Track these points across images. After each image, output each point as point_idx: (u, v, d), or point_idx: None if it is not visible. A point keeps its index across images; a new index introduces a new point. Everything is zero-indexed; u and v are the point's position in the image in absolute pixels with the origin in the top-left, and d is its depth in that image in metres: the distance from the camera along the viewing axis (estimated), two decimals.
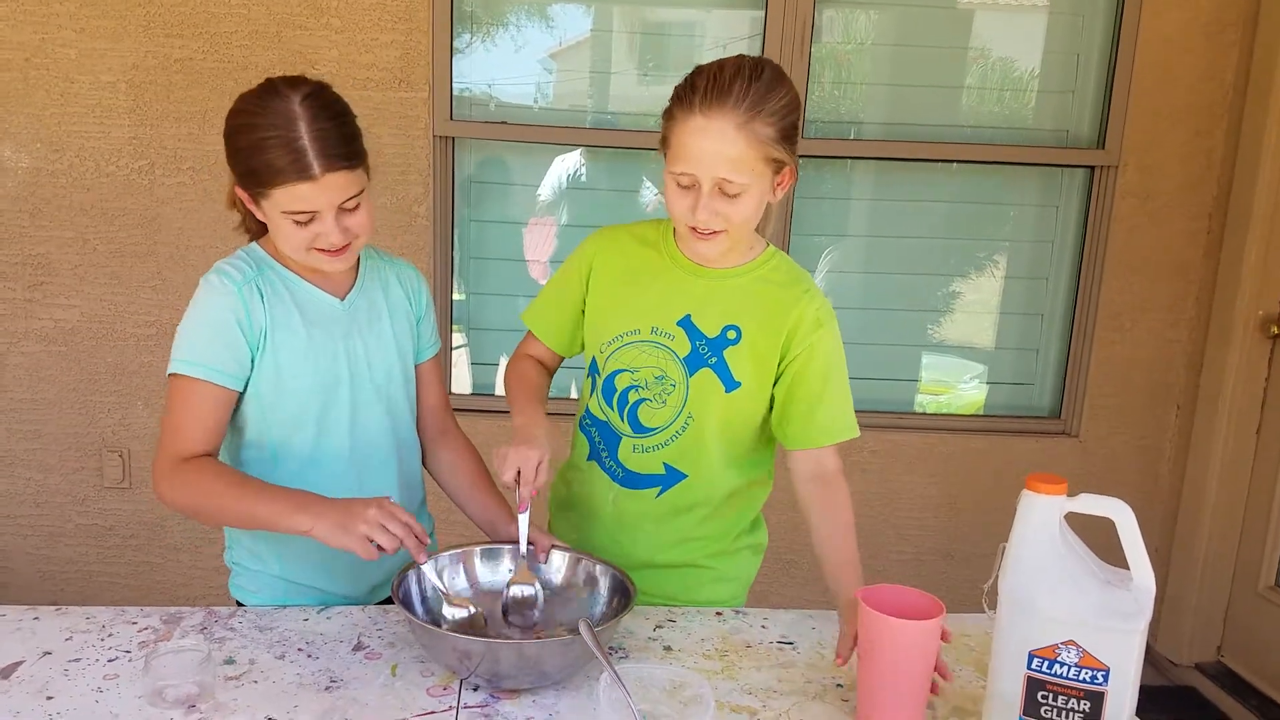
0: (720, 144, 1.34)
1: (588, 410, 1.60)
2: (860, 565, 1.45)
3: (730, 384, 1.48)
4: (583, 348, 1.63)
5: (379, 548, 1.28)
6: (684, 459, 1.53)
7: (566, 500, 1.67)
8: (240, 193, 1.39)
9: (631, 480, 1.55)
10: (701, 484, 1.54)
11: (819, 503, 1.48)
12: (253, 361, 1.41)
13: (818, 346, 1.48)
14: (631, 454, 1.54)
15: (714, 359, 1.48)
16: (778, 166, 1.40)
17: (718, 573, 1.61)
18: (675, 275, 1.52)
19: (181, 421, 1.39)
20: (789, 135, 1.39)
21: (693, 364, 1.49)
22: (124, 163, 2.87)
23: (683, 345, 1.49)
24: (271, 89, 1.36)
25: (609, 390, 1.55)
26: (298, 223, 1.36)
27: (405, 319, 1.58)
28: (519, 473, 1.38)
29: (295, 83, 1.36)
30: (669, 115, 1.41)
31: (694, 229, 1.42)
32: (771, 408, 1.53)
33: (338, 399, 1.48)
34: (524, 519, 1.42)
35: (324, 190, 1.34)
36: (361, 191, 1.39)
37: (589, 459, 1.60)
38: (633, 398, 1.52)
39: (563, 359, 1.68)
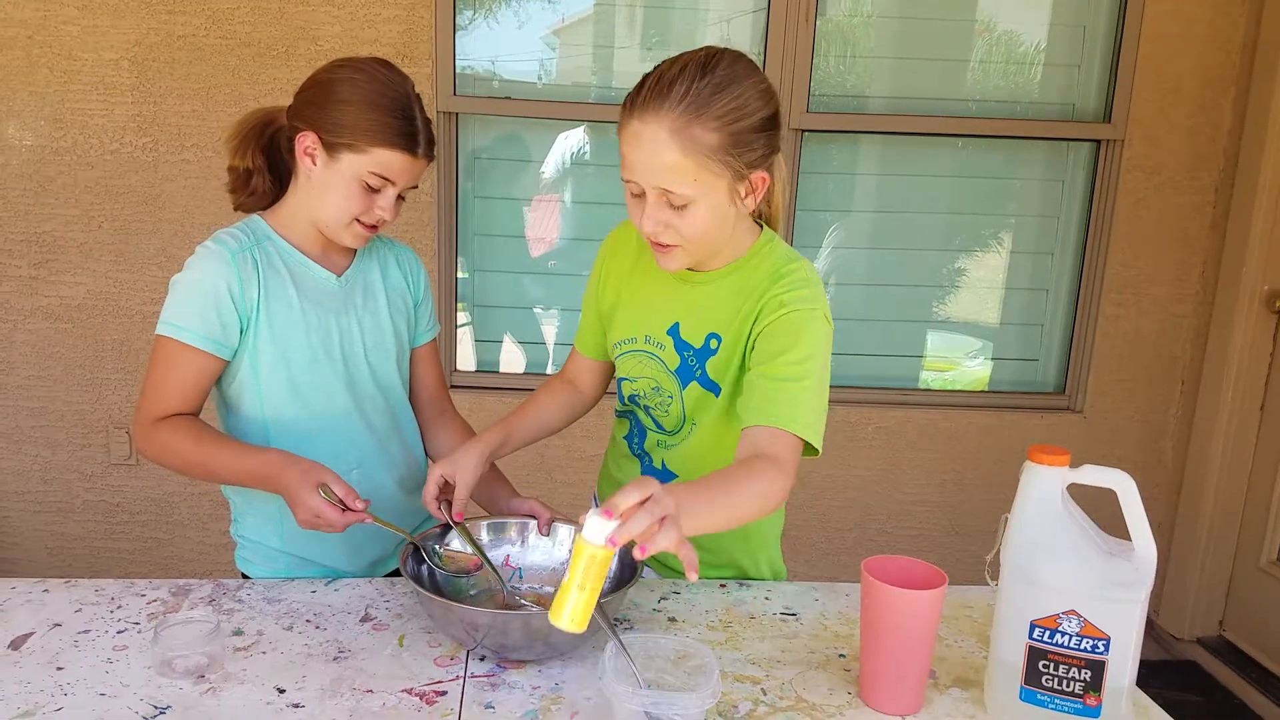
0: (653, 152, 1.22)
1: (620, 397, 1.59)
2: (706, 500, 1.14)
3: (717, 393, 1.43)
4: None
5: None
6: (696, 461, 1.49)
7: (618, 483, 1.60)
8: (312, 141, 1.39)
9: (661, 474, 1.53)
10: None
11: (745, 460, 1.26)
12: (242, 332, 1.42)
13: (782, 324, 1.32)
14: (656, 448, 1.53)
15: (700, 371, 1.42)
16: (738, 175, 1.26)
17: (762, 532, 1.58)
18: (665, 280, 1.44)
19: (163, 383, 1.42)
20: (742, 140, 1.24)
21: (684, 377, 1.44)
22: (128, 140, 2.87)
23: (672, 357, 1.45)
24: (388, 64, 1.43)
25: (621, 394, 1.56)
26: (369, 187, 1.40)
27: (402, 301, 1.60)
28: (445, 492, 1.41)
29: (402, 72, 1.44)
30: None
31: (650, 239, 1.32)
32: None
33: (331, 374, 1.49)
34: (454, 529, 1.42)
35: (411, 169, 1.42)
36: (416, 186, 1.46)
37: (625, 437, 1.59)
38: (641, 402, 1.52)
39: (608, 371, 1.62)
